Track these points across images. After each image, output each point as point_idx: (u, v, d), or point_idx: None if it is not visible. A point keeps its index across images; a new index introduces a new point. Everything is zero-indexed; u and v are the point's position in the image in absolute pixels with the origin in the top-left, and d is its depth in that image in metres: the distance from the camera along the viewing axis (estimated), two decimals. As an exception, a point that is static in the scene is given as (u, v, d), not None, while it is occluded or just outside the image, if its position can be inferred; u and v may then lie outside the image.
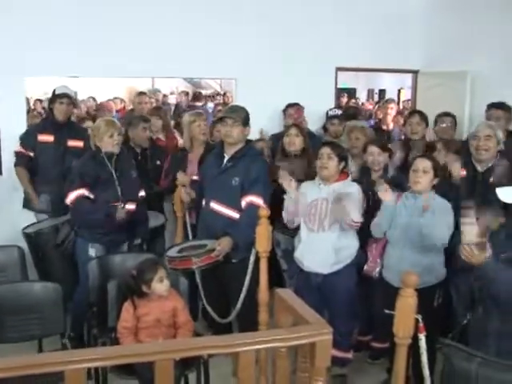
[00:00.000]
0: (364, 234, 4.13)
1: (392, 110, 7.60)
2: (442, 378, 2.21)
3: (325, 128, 6.05)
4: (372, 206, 4.16)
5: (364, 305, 4.44)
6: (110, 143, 4.35)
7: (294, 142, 4.88)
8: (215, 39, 5.98)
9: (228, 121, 4.30)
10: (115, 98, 9.16)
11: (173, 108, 11.41)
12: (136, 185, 4.57)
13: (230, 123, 4.28)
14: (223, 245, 4.13)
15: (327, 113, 6.06)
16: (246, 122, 4.32)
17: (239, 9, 6.08)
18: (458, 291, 3.46)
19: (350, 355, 4.30)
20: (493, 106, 5.20)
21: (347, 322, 4.20)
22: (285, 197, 4.18)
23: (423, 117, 5.39)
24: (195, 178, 4.88)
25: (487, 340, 2.87)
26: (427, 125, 5.38)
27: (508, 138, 4.85)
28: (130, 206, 4.44)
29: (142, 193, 4.64)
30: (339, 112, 6.08)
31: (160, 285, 3.57)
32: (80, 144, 5.20)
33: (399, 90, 13.97)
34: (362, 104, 13.26)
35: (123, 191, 4.41)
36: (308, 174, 4.42)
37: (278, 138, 5.33)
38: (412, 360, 3.47)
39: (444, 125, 5.53)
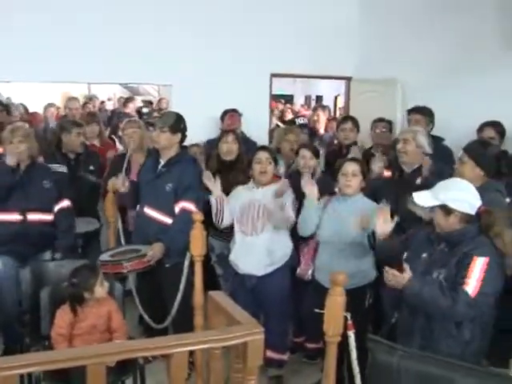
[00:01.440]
0: (296, 237, 4.21)
1: (320, 117, 7.77)
2: (367, 372, 2.28)
3: None
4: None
5: (298, 306, 4.53)
6: (11, 150, 4.25)
7: (232, 150, 4.87)
8: (151, 45, 5.97)
9: (155, 127, 4.33)
10: (49, 105, 8.98)
11: (109, 114, 11.27)
12: (49, 195, 4.39)
13: (157, 129, 4.30)
14: (155, 250, 4.11)
15: (294, 121, 6.10)
16: (175, 128, 4.28)
17: (176, 15, 6.10)
18: (386, 291, 3.55)
19: (285, 356, 4.37)
20: (412, 110, 5.37)
21: (282, 323, 4.28)
22: (210, 197, 4.23)
23: (355, 122, 5.54)
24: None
25: (413, 337, 2.97)
26: (359, 130, 5.53)
27: (432, 141, 5.02)
28: (41, 217, 4.32)
29: (64, 203, 4.46)
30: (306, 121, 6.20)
31: (101, 288, 3.55)
32: None
33: (336, 97, 14.19)
34: (298, 111, 13.40)
35: (30, 201, 4.29)
36: (243, 179, 4.47)
37: (213, 144, 5.34)
38: (346, 359, 3.56)
39: (378, 130, 5.68)
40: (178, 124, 4.30)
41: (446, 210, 2.96)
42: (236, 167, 4.77)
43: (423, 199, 3.05)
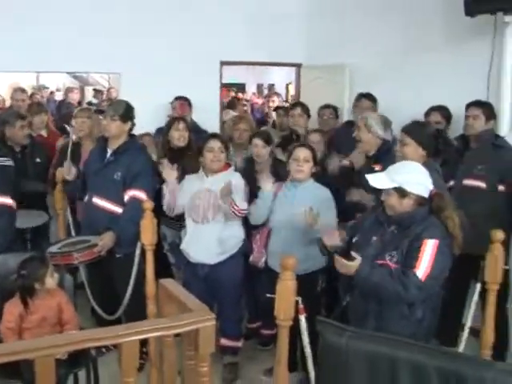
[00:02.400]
0: (248, 224, 4.22)
1: (274, 103, 7.78)
2: (318, 354, 2.31)
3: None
4: (255, 196, 4.23)
5: (252, 293, 4.55)
6: None
7: (183, 137, 4.84)
8: (99, 33, 5.86)
9: (106, 115, 4.28)
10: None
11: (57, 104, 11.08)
12: None
13: (107, 118, 4.25)
14: (105, 240, 4.08)
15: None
16: (125, 116, 4.27)
17: (124, 3, 6.02)
18: (338, 274, 3.59)
19: (240, 343, 4.39)
20: (361, 95, 5.45)
21: (235, 311, 4.31)
22: (163, 186, 4.20)
23: (305, 108, 5.57)
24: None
25: (367, 320, 3.00)
26: (309, 116, 5.56)
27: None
28: None
29: (6, 201, 4.10)
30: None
31: (52, 279, 3.49)
32: None
33: (287, 85, 14.23)
34: (248, 100, 13.40)
35: None
36: (194, 167, 4.45)
37: (162, 132, 5.29)
38: (299, 343, 3.58)
39: (325, 117, 5.74)
40: (127, 112, 4.29)
41: (401, 192, 2.97)
42: (186, 155, 4.74)
43: (379, 181, 3.04)
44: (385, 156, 4.06)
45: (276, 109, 6.14)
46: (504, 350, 4.27)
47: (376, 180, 3.07)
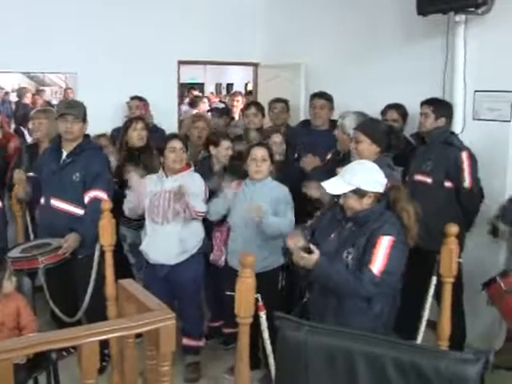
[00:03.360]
0: (208, 223, 4.23)
1: (238, 103, 7.77)
2: (277, 349, 2.33)
3: None
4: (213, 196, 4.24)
5: (213, 291, 4.57)
6: None
7: (142, 136, 4.85)
8: (55, 32, 5.77)
9: (68, 117, 4.23)
10: None
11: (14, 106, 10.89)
12: None
13: (70, 120, 4.21)
14: (70, 241, 4.06)
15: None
16: (85, 117, 4.30)
17: (80, 2, 5.92)
18: (298, 271, 3.62)
19: (202, 343, 4.41)
20: (316, 95, 5.47)
21: (197, 311, 4.32)
22: (127, 191, 4.18)
23: (259, 108, 5.61)
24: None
25: (326, 316, 3.03)
26: (263, 115, 5.60)
27: (332, 126, 5.15)
28: None
29: None
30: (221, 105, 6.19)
31: (9, 283, 3.45)
32: None
33: (246, 84, 14.25)
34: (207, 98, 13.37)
35: None
36: (153, 168, 4.44)
37: (119, 133, 5.25)
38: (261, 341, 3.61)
39: (276, 110, 5.75)
40: (85, 113, 4.31)
41: (359, 193, 3.00)
42: (145, 155, 4.73)
43: (335, 187, 3.05)
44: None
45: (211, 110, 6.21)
46: (462, 341, 4.37)
47: (333, 186, 3.07)
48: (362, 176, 3.02)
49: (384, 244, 2.91)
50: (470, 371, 1.96)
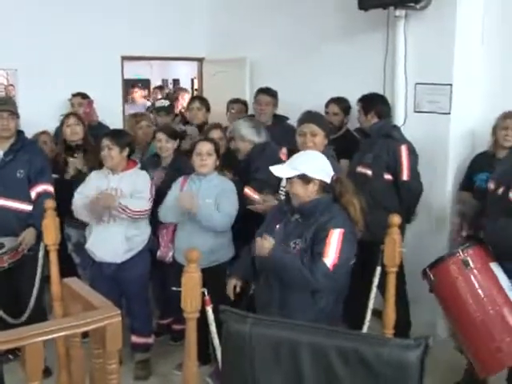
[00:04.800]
0: (155, 220, 4.21)
1: (183, 99, 7.74)
2: (222, 343, 2.35)
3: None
4: (162, 193, 4.21)
5: (161, 288, 4.55)
6: None
7: (75, 132, 4.78)
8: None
9: (4, 114, 4.15)
10: None
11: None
12: None
13: (6, 116, 4.15)
14: (28, 237, 4.07)
15: (154, 104, 5.98)
16: (17, 113, 4.26)
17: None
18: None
19: (151, 340, 4.38)
20: (261, 91, 5.50)
21: (144, 308, 4.30)
22: (75, 193, 4.13)
23: (203, 102, 5.61)
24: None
25: (270, 308, 3.07)
26: (208, 110, 5.60)
27: (275, 121, 5.20)
28: None
29: None
30: (167, 103, 6.12)
31: None
32: None
33: (192, 80, 14.19)
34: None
35: None
36: (94, 164, 4.39)
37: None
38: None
39: (234, 111, 5.77)
40: (17, 109, 4.28)
41: (305, 179, 3.05)
42: (84, 151, 4.69)
43: (282, 171, 3.14)
44: (259, 156, 4.27)
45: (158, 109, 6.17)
46: (407, 329, 4.48)
47: (279, 170, 3.15)
48: (309, 163, 3.09)
49: (335, 237, 2.95)
50: (411, 356, 2.01)
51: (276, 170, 3.17)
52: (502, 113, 4.22)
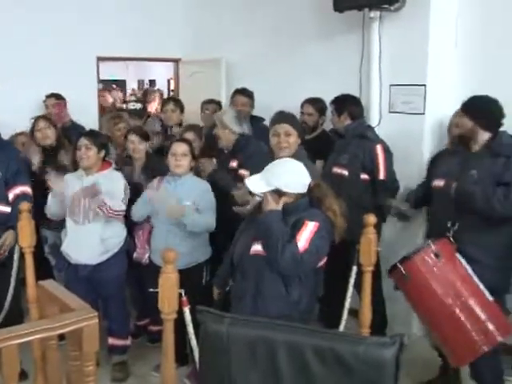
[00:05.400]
0: (130, 221, 4.20)
1: (155, 101, 7.75)
2: (199, 343, 2.35)
3: None
4: (134, 194, 4.22)
5: (138, 290, 4.54)
6: None
7: (47, 135, 4.78)
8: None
9: None
10: None
11: None
12: None
13: None
14: (9, 239, 4.07)
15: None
16: None
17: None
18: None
19: (128, 342, 4.37)
20: (237, 92, 5.52)
21: (121, 309, 4.29)
22: (50, 194, 4.10)
23: (178, 103, 5.62)
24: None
25: (245, 300, 3.03)
26: (182, 111, 5.60)
27: (251, 122, 5.20)
28: None
29: None
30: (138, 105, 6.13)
31: None
32: None
33: (168, 80, 14.17)
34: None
35: None
36: (69, 166, 4.37)
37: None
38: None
39: (208, 111, 5.77)
40: None
41: (279, 193, 2.99)
42: (59, 153, 4.66)
43: (256, 186, 3.04)
44: (242, 151, 4.28)
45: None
46: (383, 327, 4.52)
47: (253, 184, 3.06)
48: (285, 178, 3.01)
49: (309, 227, 2.93)
50: (387, 354, 2.05)
51: (250, 184, 3.07)
52: (455, 111, 4.25)
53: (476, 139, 3.72)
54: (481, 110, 3.72)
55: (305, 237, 2.91)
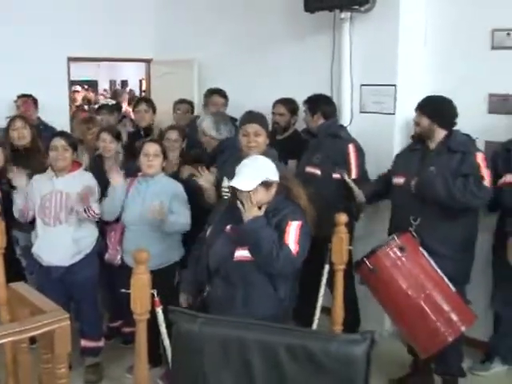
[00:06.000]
0: (102, 221, 4.18)
1: (125, 102, 7.72)
2: (172, 343, 2.35)
3: None
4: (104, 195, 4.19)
5: (111, 291, 4.52)
6: None
7: (23, 135, 4.74)
8: None
9: None
10: None
11: None
12: None
13: None
14: None
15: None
16: None
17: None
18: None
19: (101, 343, 4.34)
20: (213, 92, 5.54)
21: (94, 311, 4.27)
22: (13, 193, 4.06)
23: (149, 104, 5.59)
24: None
25: (234, 305, 3.02)
26: (154, 112, 5.58)
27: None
28: None
29: None
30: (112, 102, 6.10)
31: None
32: None
33: (140, 81, 14.11)
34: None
35: None
36: (41, 167, 4.33)
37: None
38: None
39: (180, 111, 5.78)
40: None
41: (266, 184, 3.00)
42: (32, 154, 4.61)
43: (246, 184, 2.98)
44: (218, 156, 4.27)
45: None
46: (356, 325, 4.56)
47: (242, 184, 2.99)
48: (265, 168, 3.06)
49: (294, 228, 2.97)
50: (357, 351, 2.07)
51: (238, 184, 3.00)
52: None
53: (433, 137, 3.93)
54: (437, 109, 3.94)
55: (292, 239, 2.96)
